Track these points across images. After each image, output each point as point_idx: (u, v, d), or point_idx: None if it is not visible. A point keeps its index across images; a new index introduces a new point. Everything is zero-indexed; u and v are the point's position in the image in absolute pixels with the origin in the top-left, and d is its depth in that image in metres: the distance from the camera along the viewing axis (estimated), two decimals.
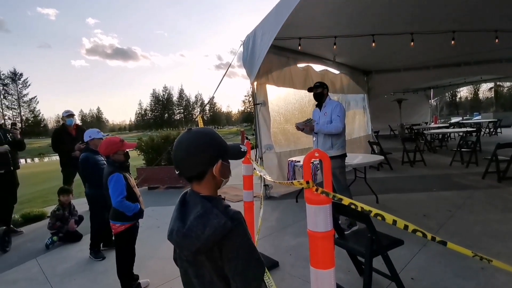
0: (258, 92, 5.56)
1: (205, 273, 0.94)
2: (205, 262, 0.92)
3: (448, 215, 4.04)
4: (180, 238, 0.92)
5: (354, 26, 5.28)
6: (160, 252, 3.49)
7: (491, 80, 15.79)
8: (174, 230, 0.95)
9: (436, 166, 7.57)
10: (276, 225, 4.11)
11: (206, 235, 0.87)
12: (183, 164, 0.99)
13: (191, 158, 0.97)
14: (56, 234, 4.00)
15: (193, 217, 0.92)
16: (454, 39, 5.14)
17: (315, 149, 1.27)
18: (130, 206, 2.52)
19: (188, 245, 0.90)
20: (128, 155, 2.70)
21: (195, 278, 0.97)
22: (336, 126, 3.65)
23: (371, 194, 4.88)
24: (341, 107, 3.75)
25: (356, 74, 9.30)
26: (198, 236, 0.87)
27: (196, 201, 0.97)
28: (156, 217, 4.81)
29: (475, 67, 9.64)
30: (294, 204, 5.09)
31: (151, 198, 6.21)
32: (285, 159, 5.69)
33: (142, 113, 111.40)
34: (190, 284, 1.01)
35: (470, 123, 15.80)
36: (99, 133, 3.54)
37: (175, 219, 0.98)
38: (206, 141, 0.99)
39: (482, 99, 64.33)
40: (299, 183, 1.39)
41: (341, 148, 3.75)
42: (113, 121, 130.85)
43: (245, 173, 2.81)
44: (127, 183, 2.54)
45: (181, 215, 0.98)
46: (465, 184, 5.60)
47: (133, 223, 2.61)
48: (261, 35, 4.72)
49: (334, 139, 3.72)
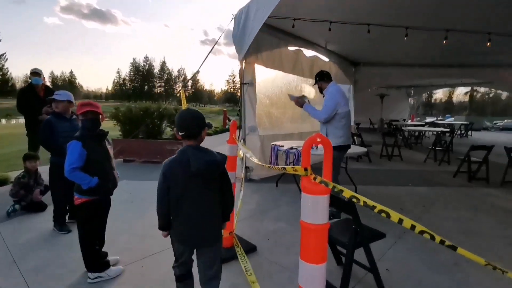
0: (246, 71, 5.35)
1: (215, 185, 1.74)
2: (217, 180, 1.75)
3: (422, 210, 4.16)
4: (220, 163, 1.69)
5: (350, 13, 5.13)
6: (133, 228, 3.33)
7: (468, 85, 16.35)
8: (216, 160, 1.67)
9: (411, 162, 7.81)
10: (256, 209, 4.05)
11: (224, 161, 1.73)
12: (190, 127, 1.70)
13: (196, 124, 1.70)
14: (19, 202, 3.71)
15: (216, 153, 1.72)
16: (446, 38, 5.14)
17: (317, 133, 1.15)
18: (82, 178, 2.20)
19: (222, 166, 1.72)
20: (97, 121, 2.34)
21: (209, 189, 1.72)
22: (317, 114, 3.48)
23: (350, 184, 4.93)
24: (333, 95, 3.45)
25: (344, 64, 9.24)
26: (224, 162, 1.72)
27: (203, 148, 1.71)
28: (130, 191, 4.60)
29: (458, 70, 9.90)
30: (274, 188, 5.05)
31: (126, 171, 5.94)
32: (268, 142, 5.60)
33: (120, 82, 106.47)
34: (198, 200, 1.70)
35: (444, 124, 16.45)
36: (71, 95, 3.21)
37: (205, 155, 1.67)
38: (201, 116, 1.74)
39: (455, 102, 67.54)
40: (293, 169, 1.28)
41: (337, 138, 3.44)
42: (87, 87, 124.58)
43: (228, 153, 2.67)
44: (89, 153, 2.22)
45: (206, 153, 1.68)
46: (438, 182, 5.80)
47: (91, 198, 2.29)
48: (255, 10, 4.47)
49: (330, 128, 3.47)
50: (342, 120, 3.46)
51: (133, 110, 6.54)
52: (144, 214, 3.74)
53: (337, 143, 3.42)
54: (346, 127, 3.49)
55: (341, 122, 3.46)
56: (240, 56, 5.07)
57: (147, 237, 3.09)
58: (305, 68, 7.04)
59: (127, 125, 6.51)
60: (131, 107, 6.69)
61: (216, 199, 1.74)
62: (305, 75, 7.08)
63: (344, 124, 3.47)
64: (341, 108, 3.43)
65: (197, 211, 1.69)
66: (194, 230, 1.70)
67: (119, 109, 6.68)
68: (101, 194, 2.34)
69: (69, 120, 3.16)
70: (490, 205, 4.46)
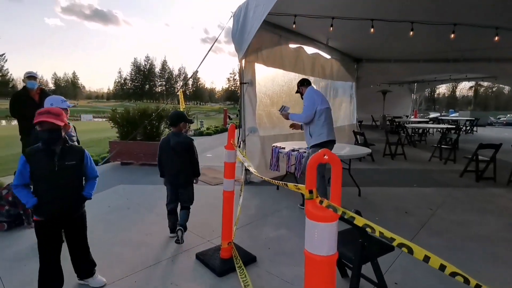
0: (246, 70, 5.18)
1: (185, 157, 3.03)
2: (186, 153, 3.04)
3: (429, 213, 4.00)
4: (184, 143, 3.02)
5: (353, 9, 4.94)
6: (128, 237, 3.18)
7: (473, 79, 16.10)
8: (182, 141, 3.01)
9: (415, 161, 7.63)
10: (256, 214, 3.90)
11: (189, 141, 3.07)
12: (173, 119, 3.06)
13: (176, 118, 3.04)
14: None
15: (185, 137, 3.06)
16: (454, 32, 4.94)
17: (323, 150, 1.00)
18: (22, 197, 1.98)
19: (183, 145, 3.02)
20: (54, 133, 1.99)
21: (179, 157, 3.01)
22: (299, 117, 3.71)
23: (354, 186, 4.78)
24: (309, 95, 3.72)
25: (346, 60, 9.05)
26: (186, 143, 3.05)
27: (179, 133, 3.04)
28: (127, 197, 4.46)
29: (463, 65, 9.66)
30: (275, 191, 4.90)
31: (123, 174, 5.81)
32: (269, 143, 5.44)
33: (121, 82, 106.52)
34: (174, 162, 3.02)
35: (449, 120, 16.21)
36: (64, 102, 3.07)
37: (178, 138, 3.01)
38: (181, 114, 3.15)
39: (458, 97, 66.89)
40: (296, 187, 1.12)
41: (320, 136, 3.67)
42: (89, 88, 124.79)
43: (227, 160, 2.52)
44: (33, 168, 1.97)
45: (179, 136, 3.01)
46: (444, 182, 5.63)
47: (39, 218, 2.02)
48: (254, 7, 4.30)
49: (311, 128, 3.70)
50: (321, 118, 3.66)
51: (130, 111, 6.39)
52: (140, 221, 3.60)
53: (319, 140, 3.66)
54: (326, 124, 3.69)
55: (321, 120, 3.66)
56: (239, 55, 4.90)
57: (142, 247, 2.95)
58: (306, 65, 6.86)
59: (125, 126, 6.36)
60: (129, 108, 6.54)
61: (185, 163, 3.05)
62: (306, 73, 6.90)
63: (324, 121, 3.67)
64: (319, 106, 3.66)
65: (174, 168, 3.06)
66: (174, 178, 3.09)
67: (116, 111, 6.52)
68: (45, 216, 2.03)
69: None
70: (498, 206, 4.30)
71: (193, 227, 3.29)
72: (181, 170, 3.04)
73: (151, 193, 4.62)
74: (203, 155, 8.02)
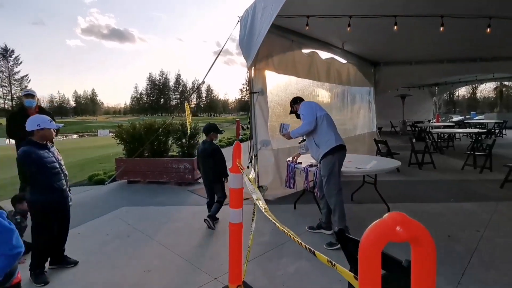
0: (256, 79, 4.78)
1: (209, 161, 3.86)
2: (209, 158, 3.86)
3: (476, 236, 3.37)
4: (206, 150, 3.89)
5: (373, 5, 4.47)
6: (123, 276, 2.75)
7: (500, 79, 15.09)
8: (205, 148, 3.89)
9: (446, 170, 6.91)
10: (271, 241, 3.39)
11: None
12: (204, 130, 3.99)
13: (207, 130, 3.97)
14: None
15: (209, 144, 3.92)
16: (490, 26, 4.35)
17: (393, 215, 0.53)
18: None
19: (207, 151, 3.90)
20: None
21: (207, 161, 3.87)
22: (302, 128, 3.39)
23: (381, 202, 4.21)
24: (304, 106, 3.48)
25: (363, 65, 8.52)
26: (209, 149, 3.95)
27: (207, 141, 3.94)
28: (129, 221, 4.06)
29: (491, 64, 8.92)
30: (292, 210, 4.39)
31: (128, 194, 5.46)
32: (283, 157, 4.97)
33: (137, 97, 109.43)
34: (203, 165, 3.94)
35: (475, 123, 15.18)
36: (51, 122, 2.74)
37: (204, 145, 3.94)
38: (211, 126, 4.01)
39: (479, 98, 64.07)
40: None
41: (328, 142, 3.32)
42: (107, 103, 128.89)
43: (232, 186, 2.06)
44: None
45: (204, 144, 3.96)
46: (484, 194, 4.94)
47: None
48: (262, 8, 3.90)
49: (316, 138, 3.40)
50: (323, 124, 3.37)
51: (136, 127, 6.08)
52: (140, 253, 3.17)
53: (328, 146, 3.30)
54: (331, 129, 3.39)
55: (323, 126, 3.36)
56: (248, 62, 4.51)
57: None
58: (321, 71, 6.39)
59: (131, 143, 6.05)
60: (135, 123, 6.23)
61: (209, 166, 3.81)
62: (321, 79, 6.44)
63: (327, 126, 3.38)
64: (318, 112, 3.40)
65: (202, 170, 3.93)
66: (204, 178, 3.96)
67: (122, 126, 6.24)
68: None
69: (45, 147, 2.68)
70: None
71: (198, 260, 2.84)
72: (207, 171, 3.87)
73: (156, 217, 4.21)
74: None
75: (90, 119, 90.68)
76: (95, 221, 4.12)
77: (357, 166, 3.70)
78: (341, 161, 3.37)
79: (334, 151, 3.27)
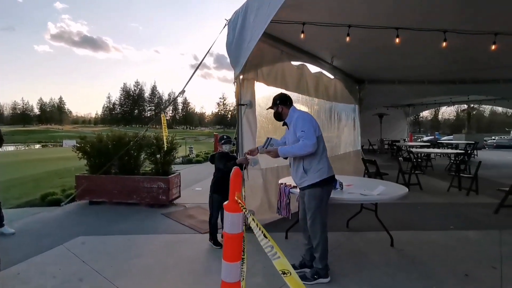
0: (244, 90, 4.27)
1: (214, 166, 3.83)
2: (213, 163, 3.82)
3: (495, 275, 2.98)
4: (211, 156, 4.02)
5: (372, 15, 4.17)
6: None
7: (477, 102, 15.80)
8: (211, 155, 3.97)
9: (433, 191, 6.74)
10: (264, 283, 2.79)
11: None
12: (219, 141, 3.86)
13: (220, 139, 3.85)
14: None
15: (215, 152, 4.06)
16: (495, 43, 4.17)
17: None
18: None
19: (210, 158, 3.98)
20: None
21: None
22: (301, 147, 2.66)
23: (381, 230, 3.76)
24: (303, 118, 2.78)
25: (349, 81, 8.34)
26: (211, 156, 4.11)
27: (218, 152, 3.86)
28: (84, 257, 3.26)
29: (470, 86, 9.14)
30: (284, 241, 3.82)
31: (88, 218, 4.61)
32: (272, 178, 4.45)
33: (110, 107, 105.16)
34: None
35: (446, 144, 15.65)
36: None
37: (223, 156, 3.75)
38: (221, 137, 3.87)
39: (440, 120, 69.08)
40: None
41: (319, 171, 2.75)
42: (77, 112, 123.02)
43: (228, 230, 1.46)
44: None
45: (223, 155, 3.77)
46: (481, 221, 4.69)
47: None
48: (255, 9, 3.43)
49: (306, 163, 2.76)
50: (319, 148, 2.77)
51: (103, 139, 5.28)
52: None
53: (318, 177, 2.74)
54: (324, 155, 2.84)
55: (319, 150, 2.77)
56: (236, 71, 3.99)
57: None
58: (310, 85, 6.03)
59: (96, 157, 5.23)
60: (102, 135, 5.42)
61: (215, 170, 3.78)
62: (310, 94, 6.07)
63: (322, 151, 2.82)
64: (317, 131, 2.78)
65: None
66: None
67: (85, 138, 5.41)
68: None
69: None
70: None
71: None
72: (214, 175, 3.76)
73: (119, 250, 3.45)
74: (190, 188, 6.89)
75: (55, 128, 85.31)
76: (41, 257, 3.28)
77: (362, 193, 3.23)
78: (329, 195, 2.87)
79: (323, 184, 2.75)
